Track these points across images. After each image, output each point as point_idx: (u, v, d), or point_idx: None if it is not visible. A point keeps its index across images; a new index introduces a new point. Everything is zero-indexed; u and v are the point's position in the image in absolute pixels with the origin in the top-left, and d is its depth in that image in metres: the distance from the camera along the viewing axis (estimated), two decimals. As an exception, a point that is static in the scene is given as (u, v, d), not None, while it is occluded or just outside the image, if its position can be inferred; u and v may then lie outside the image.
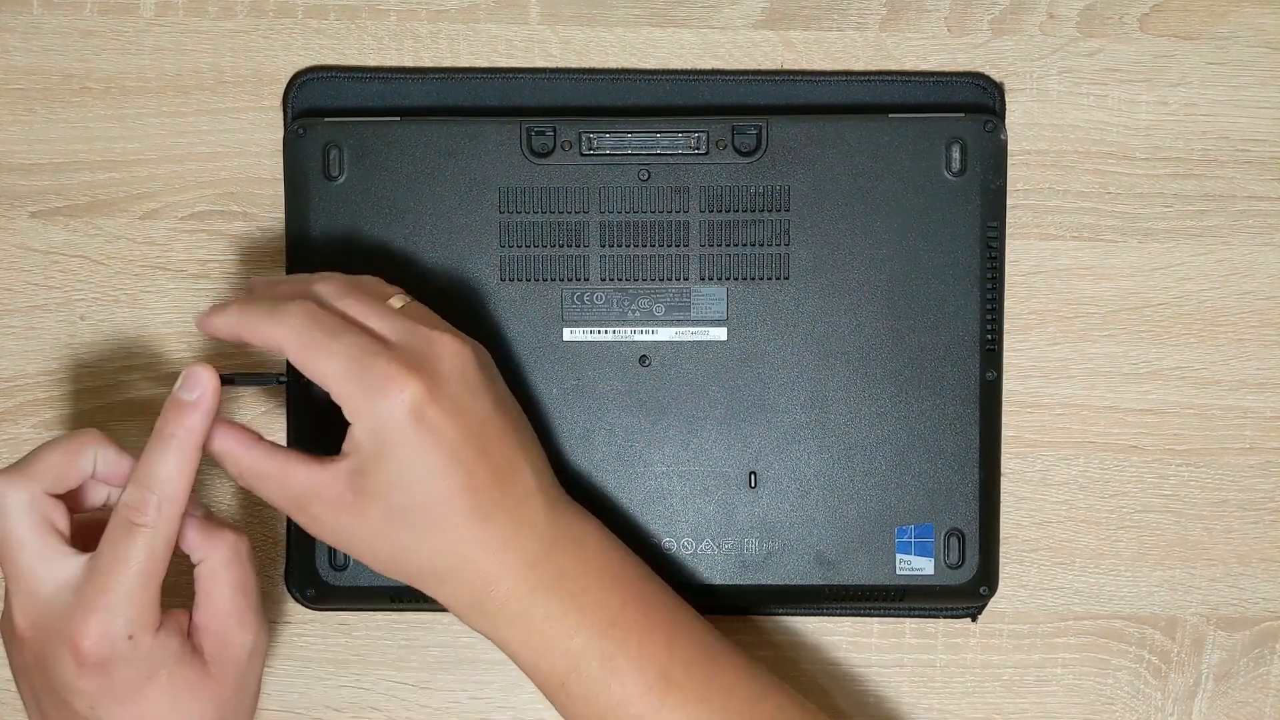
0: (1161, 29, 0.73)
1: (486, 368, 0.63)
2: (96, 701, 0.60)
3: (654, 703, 0.61)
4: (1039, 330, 0.73)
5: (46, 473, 0.61)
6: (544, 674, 0.62)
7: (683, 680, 0.62)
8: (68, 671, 0.60)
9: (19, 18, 0.72)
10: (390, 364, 0.59)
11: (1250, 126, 0.73)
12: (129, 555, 0.60)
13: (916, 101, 0.72)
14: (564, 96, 0.72)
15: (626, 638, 0.62)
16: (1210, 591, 0.73)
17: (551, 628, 0.61)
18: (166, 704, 0.61)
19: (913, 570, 0.70)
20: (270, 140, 0.72)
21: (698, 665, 0.62)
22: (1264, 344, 0.73)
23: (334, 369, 0.59)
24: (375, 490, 0.60)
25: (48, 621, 0.60)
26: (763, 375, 0.69)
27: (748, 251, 0.69)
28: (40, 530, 0.60)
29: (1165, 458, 0.73)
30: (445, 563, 0.61)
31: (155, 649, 0.60)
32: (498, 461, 0.61)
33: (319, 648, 0.73)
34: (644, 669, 0.61)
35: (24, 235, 0.72)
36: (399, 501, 0.60)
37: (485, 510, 0.60)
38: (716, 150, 0.69)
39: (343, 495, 0.60)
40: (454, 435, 0.60)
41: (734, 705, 0.62)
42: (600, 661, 0.61)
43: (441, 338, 0.61)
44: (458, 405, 0.60)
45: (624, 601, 0.62)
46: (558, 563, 0.62)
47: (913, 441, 0.69)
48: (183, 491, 0.60)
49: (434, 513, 0.60)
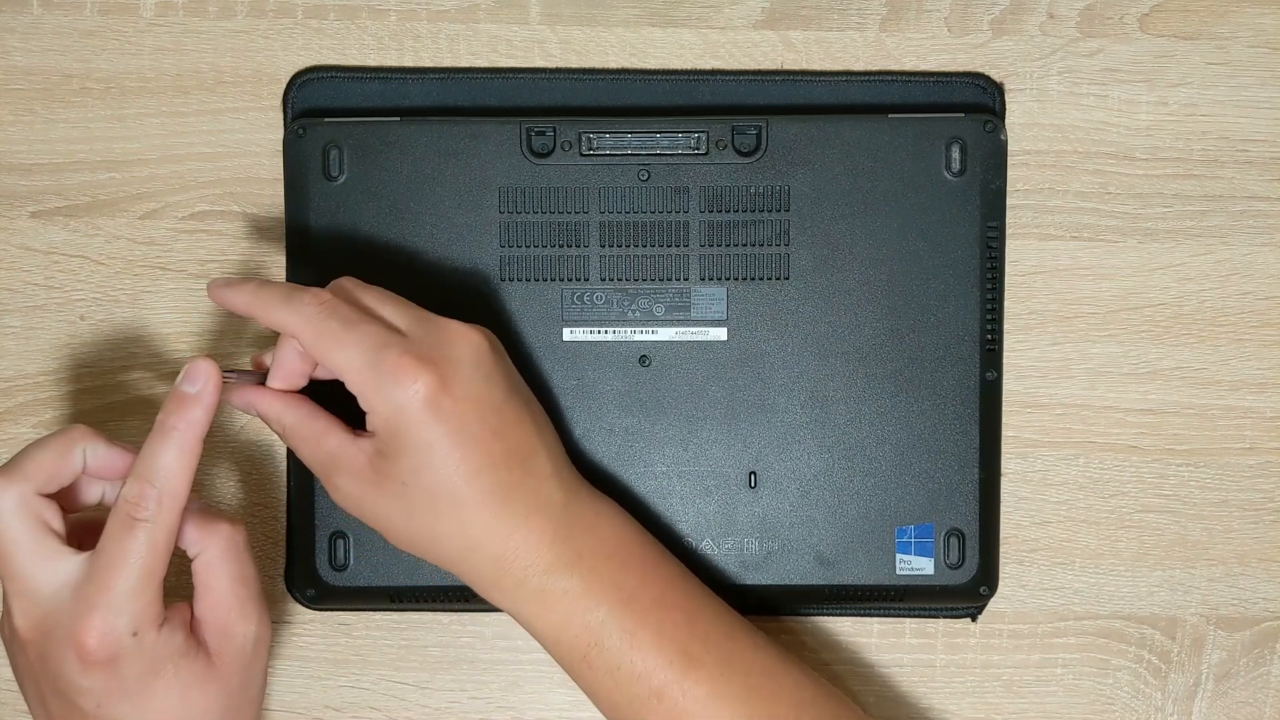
0: (1161, 29, 0.73)
1: (499, 354, 0.63)
2: (103, 700, 0.60)
3: (676, 675, 0.62)
4: (1039, 330, 0.73)
5: (37, 472, 0.61)
6: (565, 649, 0.63)
7: (703, 655, 0.62)
8: (73, 671, 0.59)
9: (19, 18, 0.72)
10: (404, 355, 0.60)
11: (1250, 127, 0.73)
12: (130, 551, 0.59)
13: (916, 101, 0.72)
14: (564, 96, 0.72)
15: (645, 614, 0.62)
16: (1210, 591, 0.73)
17: (571, 604, 0.62)
18: (174, 698, 0.61)
19: (913, 570, 0.70)
20: (270, 140, 0.72)
21: (717, 641, 0.63)
22: (1264, 344, 0.73)
23: (349, 361, 0.60)
24: (395, 473, 0.60)
25: (49, 622, 0.60)
26: (763, 375, 0.69)
27: (748, 251, 0.69)
28: (35, 531, 0.60)
29: (1165, 458, 0.73)
30: (463, 543, 0.61)
31: (160, 644, 0.60)
32: (513, 445, 0.61)
33: (319, 648, 0.73)
34: (664, 644, 0.62)
35: (24, 235, 0.72)
36: (418, 484, 0.60)
37: (502, 493, 0.61)
38: (716, 150, 0.69)
39: (365, 472, 0.61)
40: (469, 422, 0.60)
41: (754, 681, 0.63)
42: (621, 636, 0.62)
43: (454, 326, 0.62)
44: (472, 393, 0.61)
45: (642, 579, 0.63)
46: (574, 543, 0.62)
47: (913, 441, 0.69)
48: (184, 485, 0.60)
49: (452, 496, 0.60)
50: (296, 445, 0.63)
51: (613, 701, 0.63)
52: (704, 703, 0.62)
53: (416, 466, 0.60)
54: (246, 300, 0.63)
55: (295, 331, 0.61)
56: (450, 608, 0.72)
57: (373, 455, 0.61)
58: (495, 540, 0.61)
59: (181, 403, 0.61)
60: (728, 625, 0.64)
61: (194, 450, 0.61)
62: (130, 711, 0.60)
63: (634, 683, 0.62)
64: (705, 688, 0.62)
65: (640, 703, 0.62)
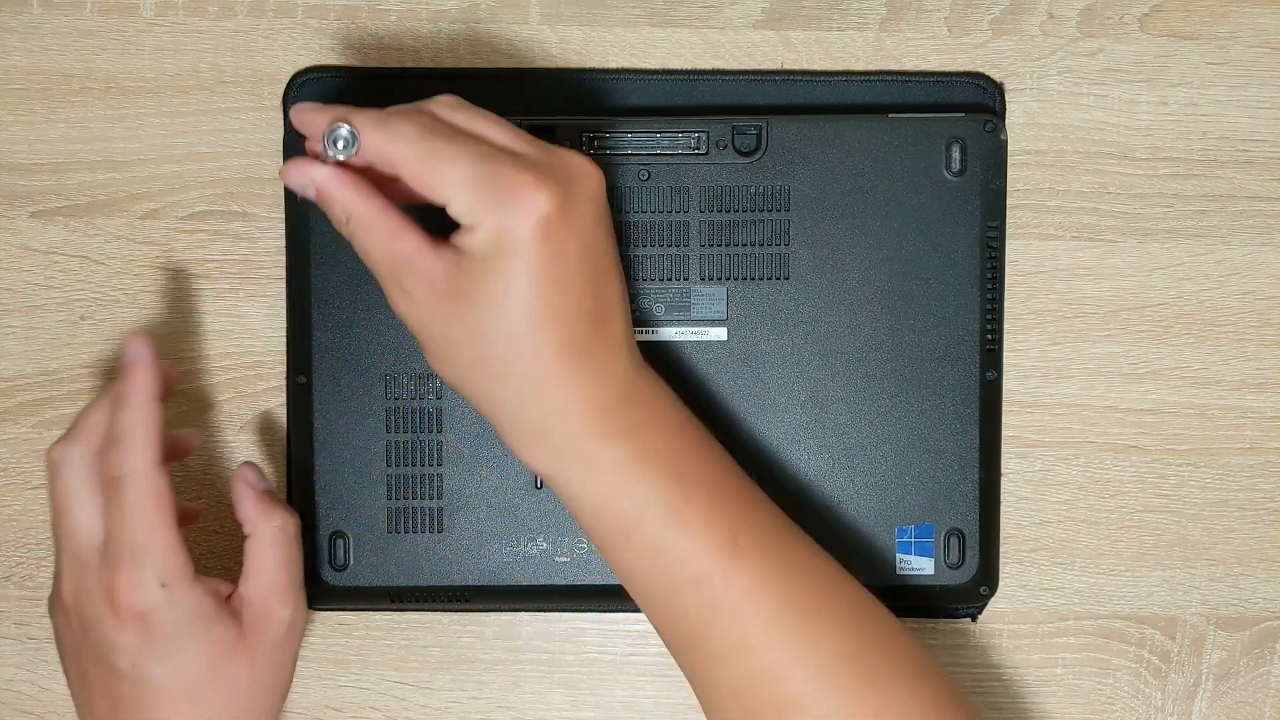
0: (1161, 29, 0.73)
1: (605, 200, 0.60)
2: (137, 658, 0.61)
3: (721, 561, 0.58)
4: (1039, 330, 0.73)
5: (94, 431, 0.63)
6: (607, 521, 0.59)
7: (750, 545, 0.59)
8: (109, 629, 0.61)
9: (19, 18, 0.72)
10: (522, 171, 0.56)
11: (1250, 127, 0.73)
12: (125, 505, 0.61)
13: (916, 101, 0.72)
14: (564, 96, 0.72)
15: (695, 493, 0.59)
16: (1210, 591, 0.73)
17: (620, 473, 0.58)
18: (205, 662, 0.62)
19: (913, 570, 0.70)
20: (270, 140, 0.72)
21: (767, 535, 0.60)
22: (1264, 344, 0.73)
23: (459, 174, 0.56)
24: (476, 294, 0.57)
25: (88, 583, 0.62)
26: (763, 375, 0.69)
27: (748, 251, 0.69)
28: (93, 489, 0.63)
29: (1165, 458, 0.73)
30: (524, 385, 0.58)
31: (191, 601, 0.62)
32: (599, 299, 0.58)
33: (319, 648, 0.73)
34: (713, 528, 0.59)
35: (24, 235, 0.72)
36: (498, 313, 0.57)
37: (579, 345, 0.58)
38: (716, 150, 0.69)
39: (440, 284, 0.57)
40: (573, 259, 0.57)
41: (799, 579, 0.60)
42: (668, 513, 0.58)
43: (573, 155, 0.58)
44: (582, 229, 0.57)
45: (699, 462, 0.60)
46: (633, 414, 0.59)
47: (913, 441, 0.69)
48: (147, 436, 0.62)
49: (531, 330, 0.57)
50: (363, 239, 0.58)
51: (648, 582, 0.59)
52: (746, 593, 0.58)
53: (508, 290, 0.56)
54: None
55: (397, 156, 0.57)
56: (450, 608, 0.72)
57: (453, 269, 0.57)
58: (558, 390, 0.57)
59: (127, 372, 0.62)
60: (779, 523, 0.62)
61: (147, 407, 0.62)
62: (163, 673, 0.61)
63: (675, 565, 0.58)
64: (748, 579, 0.58)
65: (679, 587, 0.59)
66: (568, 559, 0.69)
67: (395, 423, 0.69)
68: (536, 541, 0.69)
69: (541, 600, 0.71)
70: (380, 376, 0.69)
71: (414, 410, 0.69)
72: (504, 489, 0.69)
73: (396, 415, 0.69)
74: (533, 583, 0.69)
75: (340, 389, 0.69)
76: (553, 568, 0.69)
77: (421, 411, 0.69)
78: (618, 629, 0.73)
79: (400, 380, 0.69)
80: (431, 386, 0.69)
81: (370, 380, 0.69)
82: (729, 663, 0.59)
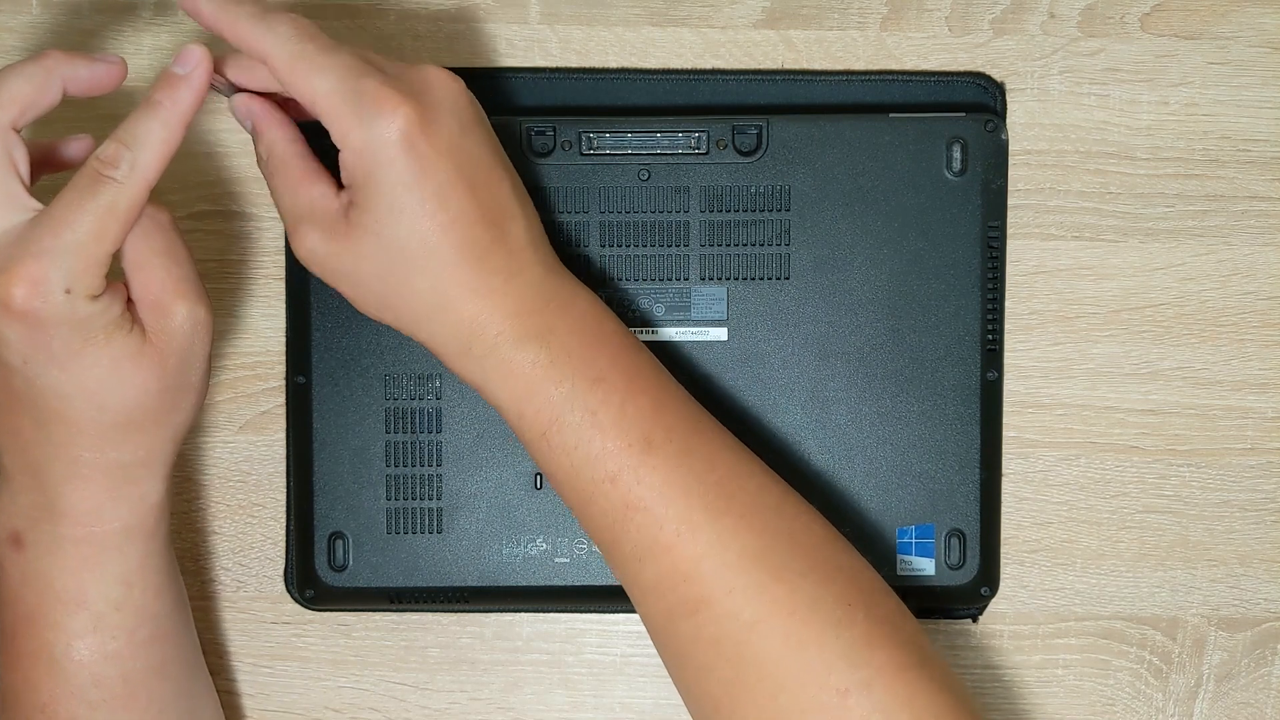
0: (1163, 29, 0.72)
1: (477, 109, 0.61)
2: (29, 356, 0.58)
3: (633, 460, 0.59)
4: (1040, 330, 0.72)
5: (11, 103, 0.58)
6: (528, 423, 0.60)
7: (664, 443, 0.60)
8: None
9: (18, 18, 0.72)
10: (383, 86, 0.58)
11: (1252, 126, 0.73)
12: (88, 205, 0.57)
13: (917, 101, 0.72)
14: (564, 96, 0.72)
15: (610, 395, 0.60)
16: (1211, 592, 0.73)
17: (538, 374, 0.60)
18: (104, 368, 0.58)
19: (913, 571, 0.70)
20: (270, 140, 0.72)
21: (681, 432, 0.61)
22: (1265, 344, 0.73)
23: (326, 85, 0.58)
24: (367, 223, 0.58)
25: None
26: (763, 375, 0.69)
27: (748, 251, 0.69)
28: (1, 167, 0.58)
29: (1166, 458, 0.73)
30: (435, 300, 0.59)
31: (93, 312, 0.57)
32: (488, 203, 0.59)
33: (319, 648, 0.73)
34: (626, 427, 0.60)
35: (24, 235, 0.72)
36: (392, 233, 0.58)
37: (478, 251, 0.59)
38: (716, 150, 0.69)
39: (338, 224, 0.59)
40: (444, 170, 0.58)
41: (714, 476, 0.60)
42: (584, 414, 0.60)
43: (433, 69, 0.60)
44: (447, 139, 0.59)
45: (613, 362, 0.61)
46: (547, 317, 0.60)
47: (913, 441, 0.69)
48: (159, 158, 0.58)
49: (425, 244, 0.58)
50: (276, 180, 0.60)
51: (569, 483, 0.60)
52: (658, 490, 0.59)
53: (390, 210, 0.58)
54: (214, 12, 0.59)
55: (267, 52, 0.58)
56: (450, 608, 0.72)
57: (346, 205, 0.59)
58: (468, 300, 0.59)
59: (170, 81, 0.59)
60: (694, 418, 0.62)
61: (176, 128, 0.58)
62: (60, 379, 0.58)
63: (590, 464, 0.60)
64: (660, 475, 0.59)
65: (594, 485, 0.60)
66: (567, 560, 0.69)
67: (395, 423, 0.69)
68: (536, 542, 0.69)
69: (541, 601, 0.71)
70: (379, 377, 0.69)
71: (413, 410, 0.69)
72: (503, 489, 0.69)
73: (396, 415, 0.69)
74: (532, 583, 0.69)
75: (339, 389, 0.69)
76: (552, 568, 0.69)
77: (421, 412, 0.69)
78: (617, 630, 0.73)
79: (400, 380, 0.69)
80: (431, 387, 0.69)
81: (369, 380, 0.69)
82: (645, 560, 0.60)
